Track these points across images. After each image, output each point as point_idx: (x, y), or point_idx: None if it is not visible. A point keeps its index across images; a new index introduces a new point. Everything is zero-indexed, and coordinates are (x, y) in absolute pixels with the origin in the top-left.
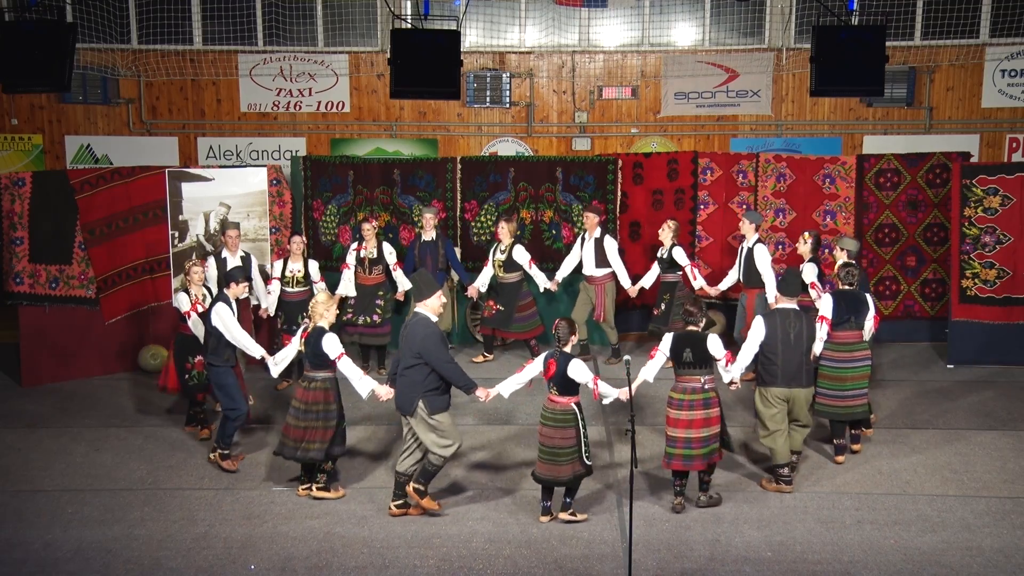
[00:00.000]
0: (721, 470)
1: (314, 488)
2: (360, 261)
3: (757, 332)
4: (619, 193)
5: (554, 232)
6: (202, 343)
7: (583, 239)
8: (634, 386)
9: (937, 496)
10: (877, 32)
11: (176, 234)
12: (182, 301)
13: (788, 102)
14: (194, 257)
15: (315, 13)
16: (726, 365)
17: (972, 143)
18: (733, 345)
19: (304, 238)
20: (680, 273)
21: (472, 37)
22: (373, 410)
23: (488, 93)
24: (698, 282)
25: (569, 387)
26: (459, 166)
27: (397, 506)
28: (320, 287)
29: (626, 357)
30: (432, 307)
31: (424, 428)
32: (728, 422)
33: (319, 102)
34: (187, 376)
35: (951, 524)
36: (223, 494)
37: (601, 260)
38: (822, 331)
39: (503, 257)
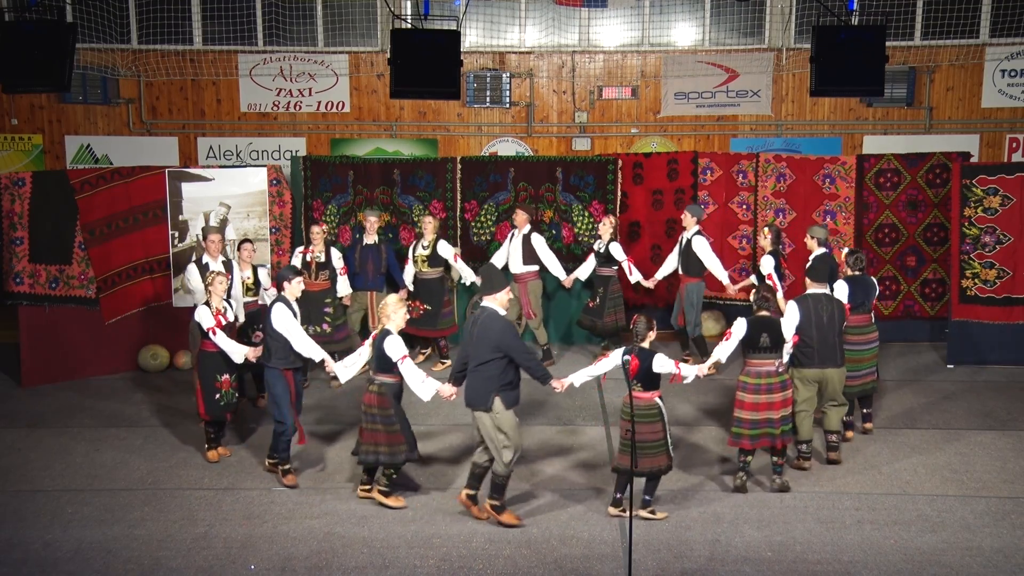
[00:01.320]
0: (720, 466)
1: (375, 492)
2: (306, 265)
3: (792, 316)
4: (619, 193)
5: (554, 232)
6: (230, 358)
7: (512, 236)
8: (708, 364)
9: (937, 496)
10: (877, 32)
11: (176, 234)
12: (204, 317)
13: (788, 102)
14: (194, 259)
15: (315, 13)
16: (791, 348)
17: (972, 143)
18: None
19: (325, 227)
20: (616, 268)
21: (472, 37)
22: None
23: (488, 93)
24: (634, 276)
25: (653, 382)
26: (459, 166)
27: (468, 495)
28: (272, 292)
29: (626, 357)
30: (501, 301)
31: (491, 428)
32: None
33: (319, 102)
34: (217, 396)
35: (951, 524)
36: (223, 494)
37: (528, 257)
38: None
39: (426, 252)
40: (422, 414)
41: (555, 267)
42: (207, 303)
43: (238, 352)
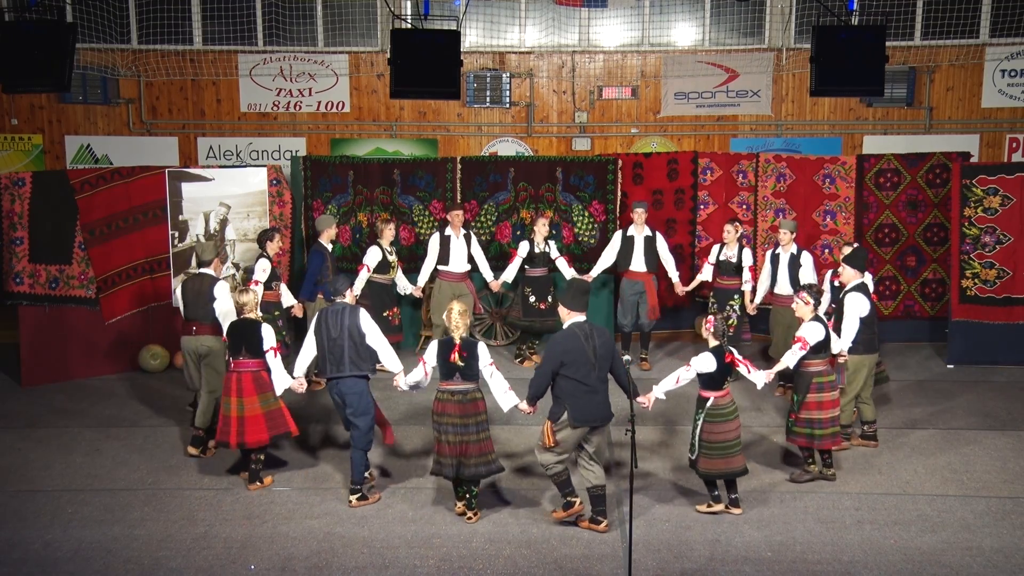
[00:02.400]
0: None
1: (469, 509)
2: (278, 277)
3: (861, 306)
4: (619, 193)
5: (554, 232)
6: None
7: (447, 238)
8: (775, 369)
9: (937, 496)
10: (877, 32)
11: (176, 234)
12: (271, 336)
13: (788, 102)
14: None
15: (315, 13)
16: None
17: (972, 143)
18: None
19: (392, 223)
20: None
21: (472, 37)
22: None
23: (488, 93)
24: (569, 272)
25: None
26: (459, 166)
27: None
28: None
29: (626, 357)
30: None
31: (601, 436)
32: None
33: (319, 102)
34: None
35: (951, 524)
36: (223, 494)
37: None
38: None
39: (395, 258)
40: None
41: (484, 269)
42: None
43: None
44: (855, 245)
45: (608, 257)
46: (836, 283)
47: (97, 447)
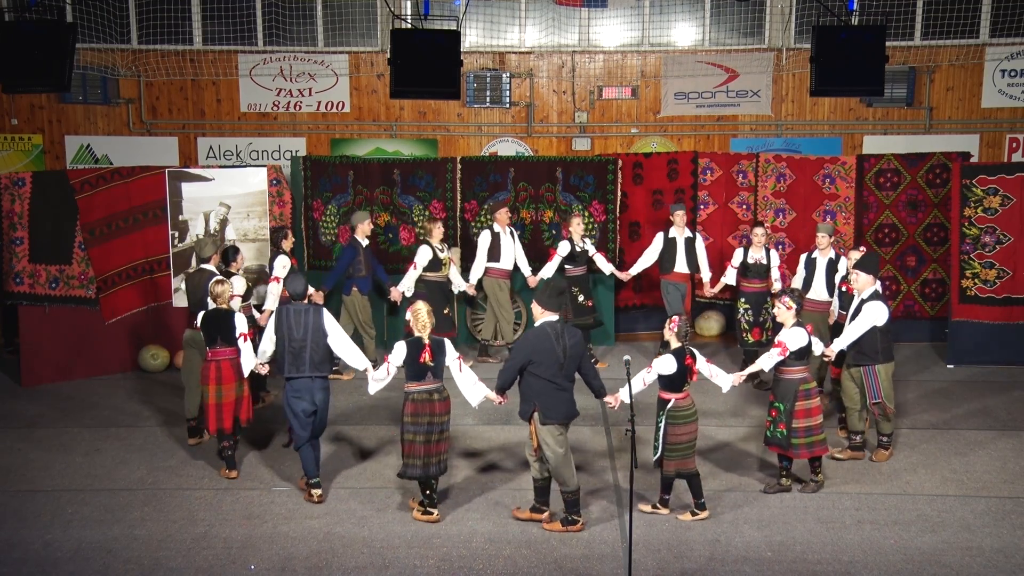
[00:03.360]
0: (720, 470)
1: (417, 511)
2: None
3: (879, 315)
4: (619, 193)
5: (554, 232)
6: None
7: (496, 235)
8: (746, 372)
9: (937, 496)
10: (877, 32)
11: (176, 234)
12: (242, 323)
13: (788, 102)
14: (194, 261)
15: (315, 13)
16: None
17: (972, 143)
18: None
19: (440, 221)
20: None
21: (472, 37)
22: (370, 413)
23: (488, 93)
24: (608, 267)
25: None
26: (459, 166)
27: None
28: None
29: (626, 357)
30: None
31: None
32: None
33: (319, 102)
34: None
35: (951, 524)
36: (223, 494)
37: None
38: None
39: (447, 256)
40: None
41: (524, 266)
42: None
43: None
44: (862, 250)
45: (649, 257)
46: (844, 289)
47: (97, 447)
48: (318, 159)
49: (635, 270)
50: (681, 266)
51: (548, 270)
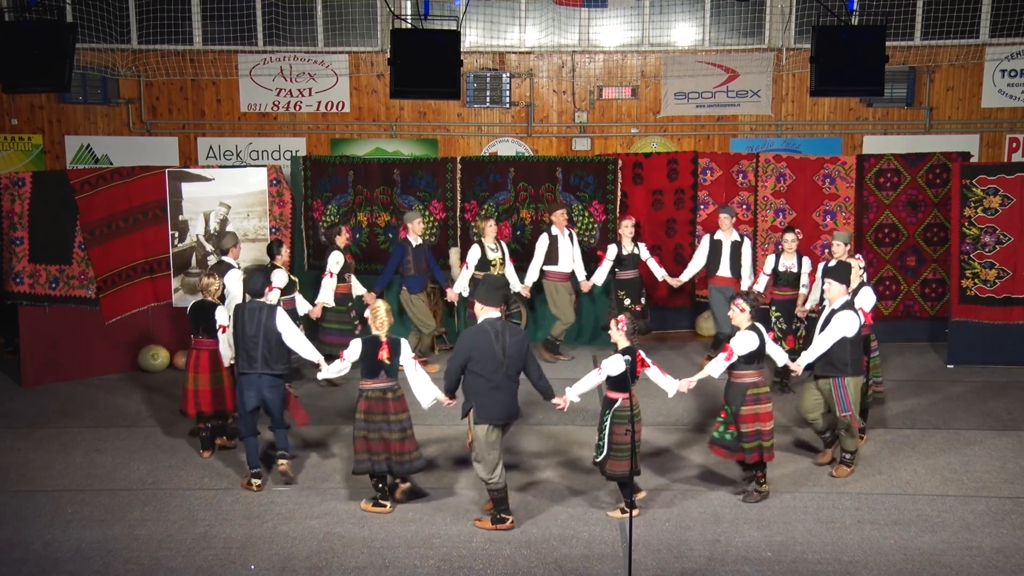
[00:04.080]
0: (720, 470)
1: (365, 504)
2: (350, 270)
3: (850, 326)
4: (619, 193)
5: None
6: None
7: (553, 237)
8: (696, 379)
9: (937, 496)
10: (877, 32)
11: (176, 234)
12: (223, 315)
13: (788, 102)
14: (194, 259)
15: (315, 13)
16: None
17: (972, 143)
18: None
19: (492, 220)
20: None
21: (472, 37)
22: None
23: (488, 93)
24: (660, 272)
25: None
26: (459, 166)
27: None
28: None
29: (626, 357)
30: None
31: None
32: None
33: (319, 102)
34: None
35: (951, 524)
36: (223, 494)
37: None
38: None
39: (499, 255)
40: (420, 415)
41: (580, 269)
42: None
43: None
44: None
45: (698, 261)
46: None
47: (97, 447)
48: (318, 159)
49: (686, 276)
50: (725, 270)
51: (599, 275)
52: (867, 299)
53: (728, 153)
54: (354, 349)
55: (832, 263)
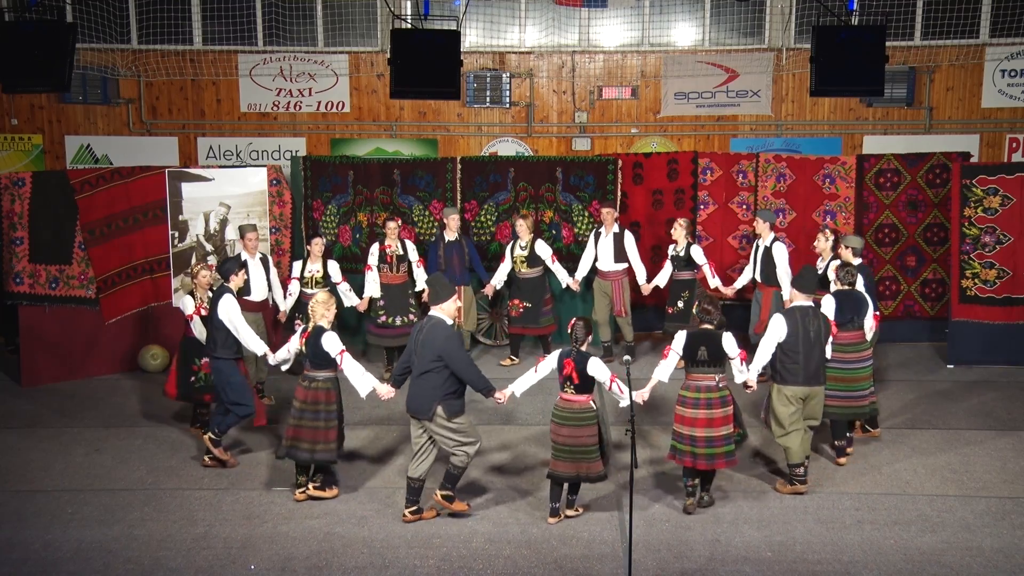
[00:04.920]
0: (721, 470)
1: (311, 488)
2: (386, 260)
3: (777, 330)
4: (619, 193)
5: (554, 232)
6: (204, 343)
7: (598, 235)
8: (648, 388)
9: (937, 496)
10: (877, 32)
11: (176, 234)
12: (187, 304)
13: (788, 102)
14: (194, 258)
15: (315, 13)
16: (741, 364)
17: (972, 143)
18: (748, 344)
19: (324, 239)
20: (697, 271)
21: (472, 37)
22: (372, 411)
23: (488, 93)
24: (714, 281)
25: (586, 385)
26: (459, 166)
27: (411, 512)
28: (344, 287)
29: (626, 357)
30: (448, 311)
31: (444, 431)
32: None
33: (319, 102)
34: (193, 379)
35: (951, 524)
36: (223, 494)
37: (619, 255)
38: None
39: (524, 253)
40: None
41: (639, 269)
42: (191, 293)
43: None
44: (848, 265)
45: (748, 269)
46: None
47: (97, 447)
48: (318, 159)
49: (740, 283)
50: (606, 264)
51: (662, 277)
52: (828, 307)
53: (728, 153)
54: (295, 339)
55: (818, 244)
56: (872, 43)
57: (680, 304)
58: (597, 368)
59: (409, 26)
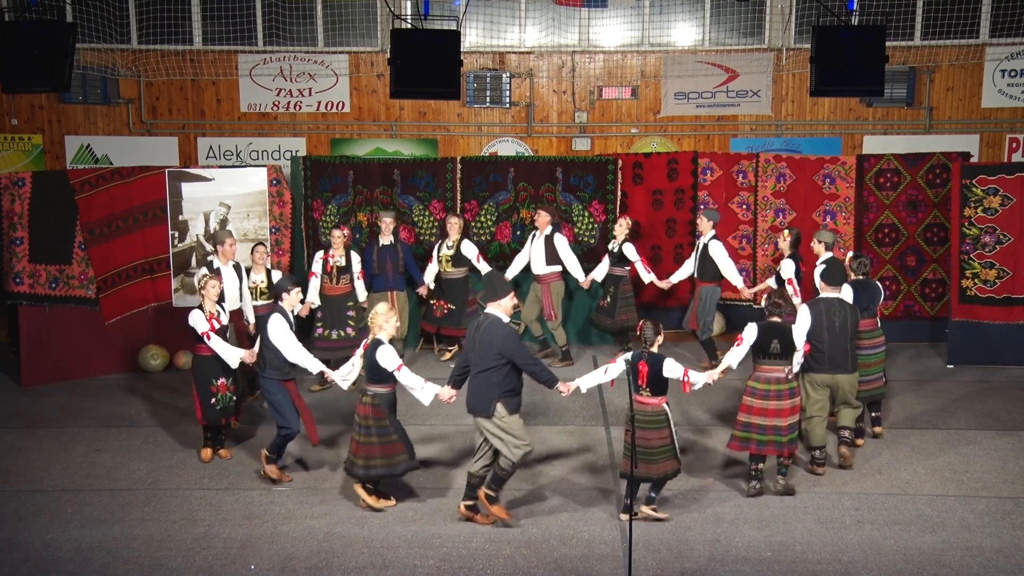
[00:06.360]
0: (721, 470)
1: (365, 496)
2: (326, 270)
3: (803, 321)
4: (619, 193)
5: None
6: (225, 362)
7: (532, 237)
8: (718, 371)
9: (937, 496)
10: (877, 32)
11: (176, 234)
12: (198, 321)
13: (788, 102)
14: (194, 258)
15: (315, 13)
16: (802, 356)
17: (972, 143)
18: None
19: (344, 229)
20: (628, 268)
21: (472, 37)
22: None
23: (488, 93)
24: (648, 276)
25: (661, 387)
26: (459, 166)
27: (467, 507)
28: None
29: (626, 356)
30: (505, 308)
31: (497, 431)
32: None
33: (319, 102)
34: (213, 400)
35: (951, 524)
36: (223, 494)
37: (551, 258)
38: None
39: (451, 252)
40: (421, 415)
41: (575, 268)
42: (200, 307)
43: (234, 356)
44: (860, 255)
45: (687, 268)
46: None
47: (97, 447)
48: (318, 159)
49: (676, 279)
50: (538, 267)
51: (599, 271)
52: (846, 295)
53: (728, 153)
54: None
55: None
56: (872, 43)
57: (608, 298)
58: (672, 368)
59: (409, 26)
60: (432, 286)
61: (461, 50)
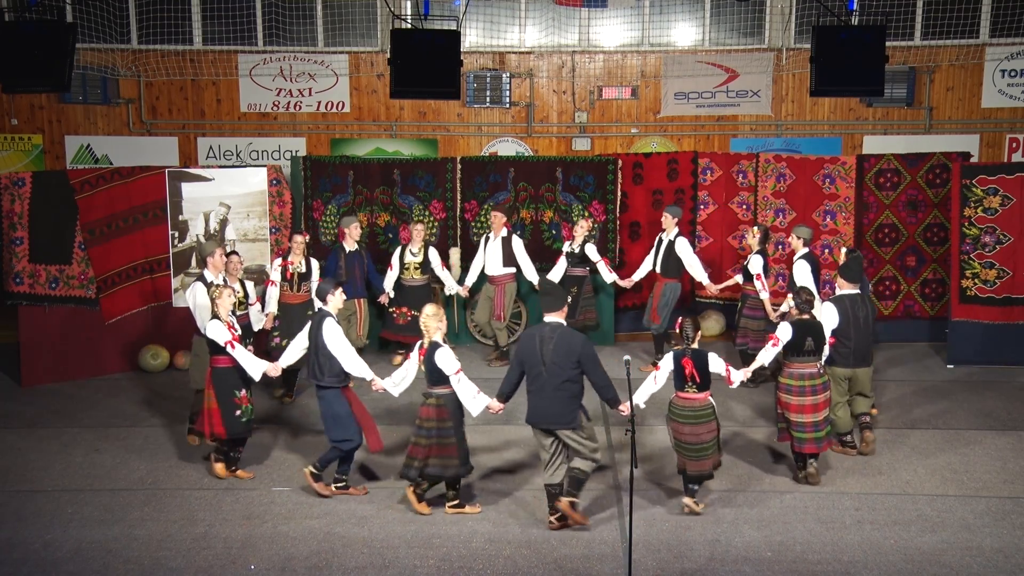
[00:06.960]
0: (721, 470)
1: (447, 507)
2: (286, 277)
3: (830, 318)
4: (619, 193)
5: (554, 232)
6: (245, 372)
7: (487, 239)
8: (752, 368)
9: (937, 496)
10: (877, 32)
11: (176, 234)
12: (218, 332)
13: (788, 102)
14: (194, 259)
15: (315, 13)
16: (829, 349)
17: (972, 143)
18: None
19: (306, 235)
20: (588, 268)
21: (472, 37)
22: (374, 413)
23: (488, 93)
24: (611, 276)
25: (706, 383)
26: (459, 166)
27: (557, 518)
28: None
29: (626, 357)
30: (561, 316)
31: (579, 438)
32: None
33: (319, 102)
34: (239, 412)
35: (951, 524)
36: (223, 494)
37: (508, 260)
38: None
39: (418, 259)
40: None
41: (530, 271)
42: (215, 315)
43: (257, 368)
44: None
45: (647, 265)
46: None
47: (97, 447)
48: (318, 159)
49: (638, 276)
50: (493, 268)
51: (556, 272)
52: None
53: (728, 153)
54: (415, 355)
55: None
56: (872, 43)
57: (570, 299)
58: (716, 363)
59: (409, 26)
60: (392, 294)
61: (461, 50)
